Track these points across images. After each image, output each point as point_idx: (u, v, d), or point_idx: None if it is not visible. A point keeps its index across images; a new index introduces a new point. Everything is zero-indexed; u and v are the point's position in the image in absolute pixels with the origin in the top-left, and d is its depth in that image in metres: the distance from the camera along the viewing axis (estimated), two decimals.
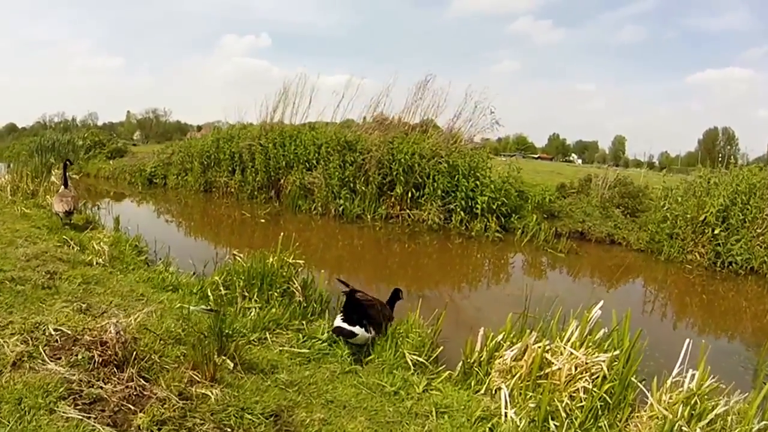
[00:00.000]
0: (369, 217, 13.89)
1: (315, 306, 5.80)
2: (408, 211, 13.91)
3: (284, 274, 5.94)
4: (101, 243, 7.57)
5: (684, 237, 11.94)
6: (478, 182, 13.66)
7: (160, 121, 59.58)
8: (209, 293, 5.85)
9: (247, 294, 5.78)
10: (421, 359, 4.69)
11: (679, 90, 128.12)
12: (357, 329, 4.67)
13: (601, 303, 4.50)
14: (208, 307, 5.22)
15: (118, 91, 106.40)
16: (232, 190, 17.16)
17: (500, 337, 4.54)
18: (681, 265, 11.50)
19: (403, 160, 13.84)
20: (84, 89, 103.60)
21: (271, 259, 6.06)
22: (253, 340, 4.79)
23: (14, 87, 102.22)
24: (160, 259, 8.14)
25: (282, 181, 15.85)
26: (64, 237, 7.94)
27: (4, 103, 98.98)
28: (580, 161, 72.86)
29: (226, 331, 4.42)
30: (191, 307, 5.18)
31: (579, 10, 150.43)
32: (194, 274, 7.77)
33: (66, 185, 9.71)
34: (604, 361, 4.07)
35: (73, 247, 7.60)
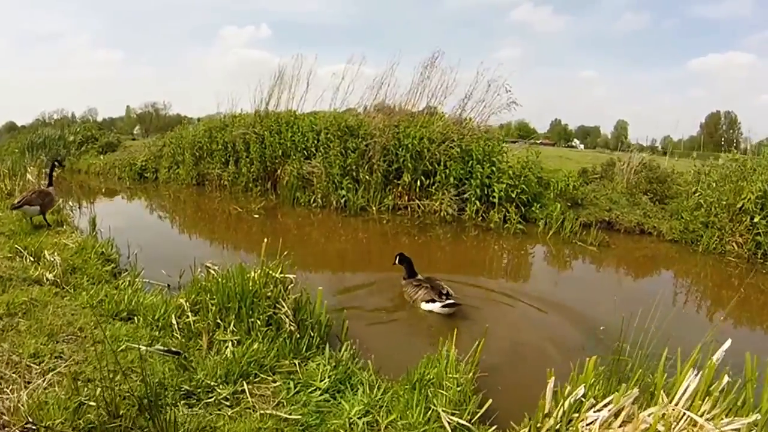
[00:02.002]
0: (374, 208, 12.38)
1: (312, 336, 4.27)
2: (417, 201, 12.39)
3: (270, 293, 4.44)
4: (55, 253, 6.09)
5: (721, 226, 10.43)
6: (494, 168, 12.12)
7: (159, 114, 57.98)
8: (173, 321, 4.37)
9: (221, 322, 4.30)
10: (462, 421, 3.22)
11: (681, 76, 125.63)
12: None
13: (728, 343, 3.00)
14: (167, 348, 3.77)
15: (118, 85, 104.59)
16: (226, 182, 15.65)
17: (580, 391, 3.03)
18: (720, 257, 9.96)
19: (411, 145, 12.29)
20: (83, 84, 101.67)
21: (252, 274, 4.56)
22: (224, 397, 3.32)
23: (13, 84, 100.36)
24: (126, 270, 6.68)
25: (278, 171, 14.29)
26: (17, 246, 6.52)
27: (3, 101, 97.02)
28: (582, 146, 71.20)
29: (185, 387, 2.98)
30: (143, 347, 3.72)
31: None
32: (168, 287, 6.35)
33: (50, 184, 8.95)
34: (738, 430, 2.61)
35: (25, 259, 6.19)
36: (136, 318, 4.49)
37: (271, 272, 4.54)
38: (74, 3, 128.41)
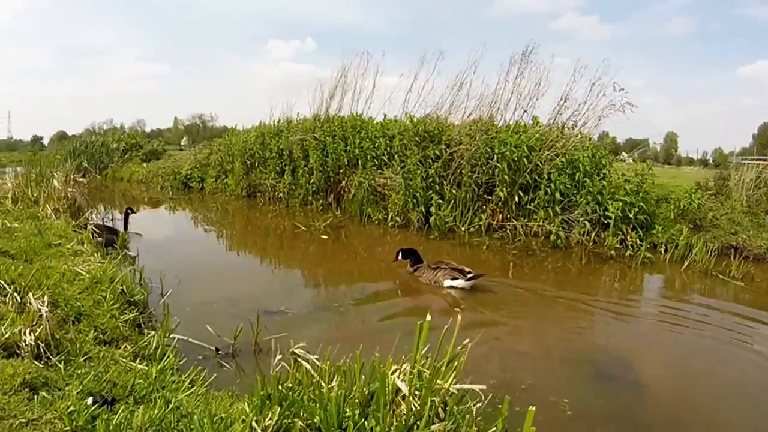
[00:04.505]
0: (463, 228, 9.89)
1: None
2: (515, 221, 9.84)
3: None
4: (45, 296, 3.81)
5: None
6: (605, 182, 9.60)
7: (206, 126, 56.90)
8: None
9: None
10: None
11: (730, 83, 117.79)
12: None
13: None
14: None
15: (166, 98, 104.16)
16: (281, 194, 13.45)
17: None
18: None
19: (507, 153, 9.79)
20: (132, 97, 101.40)
21: (395, 381, 2.11)
22: None
23: (65, 96, 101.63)
24: (155, 318, 4.40)
25: (343, 183, 11.99)
26: (2, 280, 4.26)
27: (56, 112, 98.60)
28: (630, 160, 67.70)
29: None
30: None
31: (626, 3, 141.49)
32: (217, 352, 4.03)
33: (126, 230, 8.77)
34: None
35: (9, 300, 3.95)
36: None
37: (431, 376, 2.05)
38: (123, 18, 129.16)
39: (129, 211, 9.24)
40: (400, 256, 7.11)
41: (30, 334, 3.28)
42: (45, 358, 3.19)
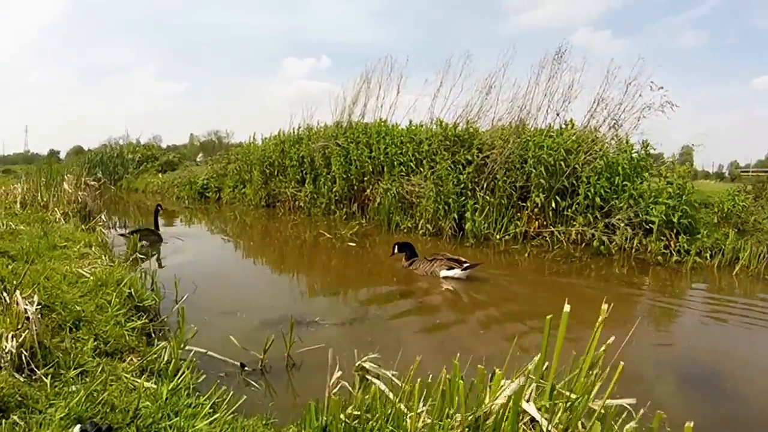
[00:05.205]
0: (498, 236, 9.18)
1: None
2: (551, 228, 9.11)
3: None
4: (35, 296, 3.12)
5: None
6: (645, 185, 9.00)
7: (222, 143, 56.62)
8: None
9: None
10: None
11: (745, 95, 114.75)
12: None
13: None
14: None
15: (182, 116, 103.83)
16: (302, 203, 12.83)
17: None
18: None
19: (544, 156, 9.09)
20: (149, 115, 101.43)
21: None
22: None
23: (83, 113, 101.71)
24: (171, 330, 3.70)
25: (368, 191, 11.33)
26: None
27: (73, 128, 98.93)
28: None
29: None
30: None
31: (638, 17, 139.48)
32: (242, 369, 3.31)
33: (157, 227, 9.21)
34: None
35: None
36: None
37: (585, 396, 1.33)
38: (141, 38, 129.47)
39: (159, 207, 9.60)
40: (396, 250, 7.25)
41: (12, 340, 2.63)
42: (28, 371, 2.57)
